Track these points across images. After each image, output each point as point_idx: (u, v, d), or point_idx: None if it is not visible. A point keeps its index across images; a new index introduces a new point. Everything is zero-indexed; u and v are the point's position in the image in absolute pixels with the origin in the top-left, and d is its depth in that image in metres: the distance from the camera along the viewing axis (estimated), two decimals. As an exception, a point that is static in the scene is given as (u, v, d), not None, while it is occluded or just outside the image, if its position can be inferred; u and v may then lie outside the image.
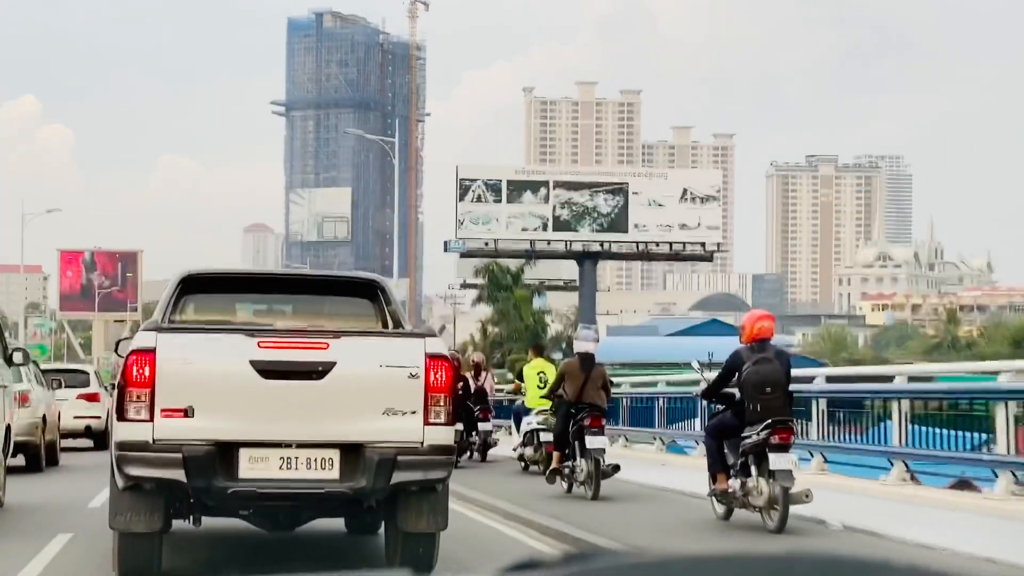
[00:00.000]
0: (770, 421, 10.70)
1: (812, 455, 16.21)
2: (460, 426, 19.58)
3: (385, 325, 9.31)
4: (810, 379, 17.35)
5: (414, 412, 8.13)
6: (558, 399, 15.24)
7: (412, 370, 8.14)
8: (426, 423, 8.15)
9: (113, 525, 8.26)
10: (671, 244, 53.86)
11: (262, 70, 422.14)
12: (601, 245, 54.33)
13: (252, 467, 8.02)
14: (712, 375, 12.19)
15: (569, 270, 70.27)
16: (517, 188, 53.91)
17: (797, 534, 10.52)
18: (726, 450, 11.43)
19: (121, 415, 7.96)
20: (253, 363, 7.97)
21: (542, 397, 17.30)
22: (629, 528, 11.29)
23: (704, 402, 16.45)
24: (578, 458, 14.43)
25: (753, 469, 10.88)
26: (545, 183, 54.06)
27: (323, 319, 9.27)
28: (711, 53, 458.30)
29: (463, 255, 55.23)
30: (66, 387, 23.47)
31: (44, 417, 19.21)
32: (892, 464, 14.66)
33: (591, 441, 14.11)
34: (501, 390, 31.56)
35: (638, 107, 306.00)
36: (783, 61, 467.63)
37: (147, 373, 7.88)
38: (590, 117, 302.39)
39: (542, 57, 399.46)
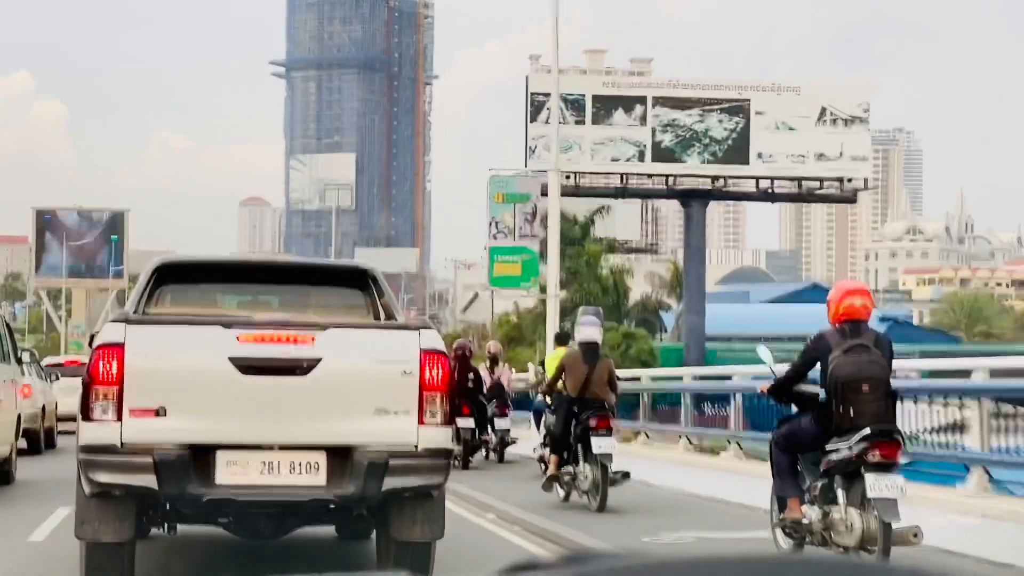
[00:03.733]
0: (868, 431, 8.35)
1: (968, 470, 12.95)
2: (472, 423, 19.10)
3: (377, 317, 8.85)
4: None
5: (407, 412, 7.69)
6: (557, 395, 13.95)
7: (405, 366, 7.70)
8: (421, 424, 7.70)
9: (79, 535, 7.84)
10: (800, 181, 41.46)
11: (261, 30, 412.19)
12: (713, 181, 41.88)
13: (230, 472, 7.55)
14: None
15: (627, 228, 57.74)
16: (605, 105, 41.46)
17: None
18: (800, 467, 9.06)
19: (86, 415, 7.47)
20: (232, 359, 7.53)
21: (542, 392, 15.40)
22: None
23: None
24: (581, 463, 13.22)
25: (841, 495, 8.58)
26: (642, 99, 41.55)
27: (310, 311, 8.85)
28: (708, 33, 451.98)
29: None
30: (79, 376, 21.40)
31: (43, 407, 21.62)
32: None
33: (597, 444, 12.82)
34: (523, 381, 28.79)
35: (648, 76, 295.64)
36: (782, 40, 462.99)
37: (114, 369, 7.42)
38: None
39: (539, 37, 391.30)
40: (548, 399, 14.97)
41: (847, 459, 8.53)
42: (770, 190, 42.06)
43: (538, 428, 17.58)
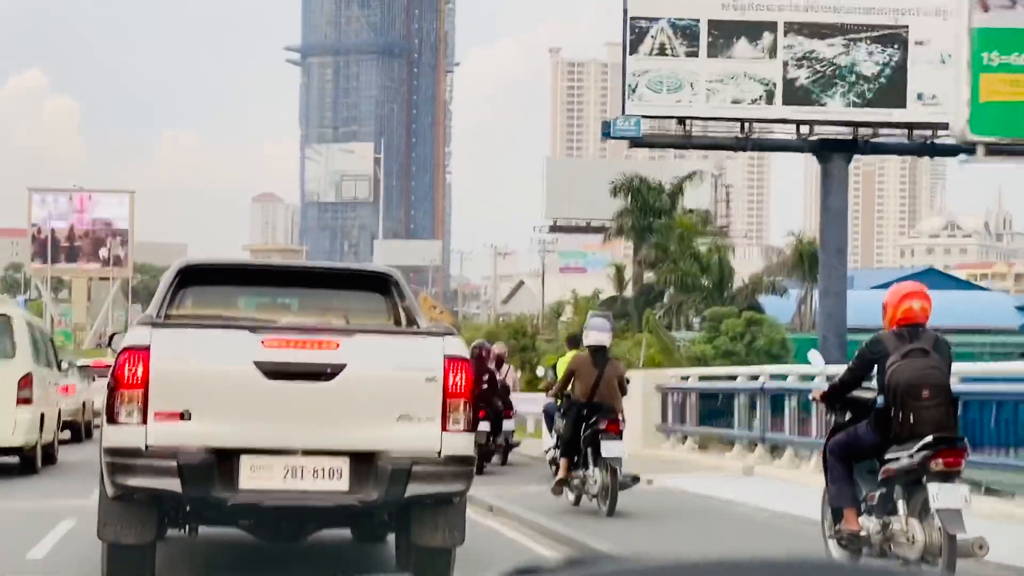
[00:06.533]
0: (930, 438, 8.17)
1: None
2: (486, 427, 18.59)
3: (398, 322, 8.95)
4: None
5: (431, 418, 7.74)
6: (567, 399, 13.92)
7: (429, 372, 7.77)
8: (444, 430, 7.75)
9: (102, 536, 7.93)
10: (965, 130, 32.99)
11: (276, 16, 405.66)
12: (855, 129, 33.31)
13: (254, 476, 7.64)
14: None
15: (699, 197, 48.93)
16: (725, 33, 32.81)
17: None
18: (856, 476, 8.82)
19: (111, 418, 7.59)
20: (257, 363, 7.62)
21: (550, 395, 15.39)
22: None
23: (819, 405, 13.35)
24: (590, 467, 13.19)
25: (901, 505, 8.38)
26: (771, 25, 32.85)
27: (332, 315, 9.02)
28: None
29: (635, 143, 33.92)
30: None
31: (84, 403, 25.59)
32: None
33: (607, 448, 12.88)
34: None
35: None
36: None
37: (140, 373, 7.53)
38: (620, 79, 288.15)
39: (549, 35, 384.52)
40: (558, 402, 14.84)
41: (908, 468, 8.27)
42: (930, 141, 33.41)
43: (550, 431, 17.33)
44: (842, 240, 33.89)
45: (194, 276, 8.96)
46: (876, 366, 8.61)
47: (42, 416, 18.11)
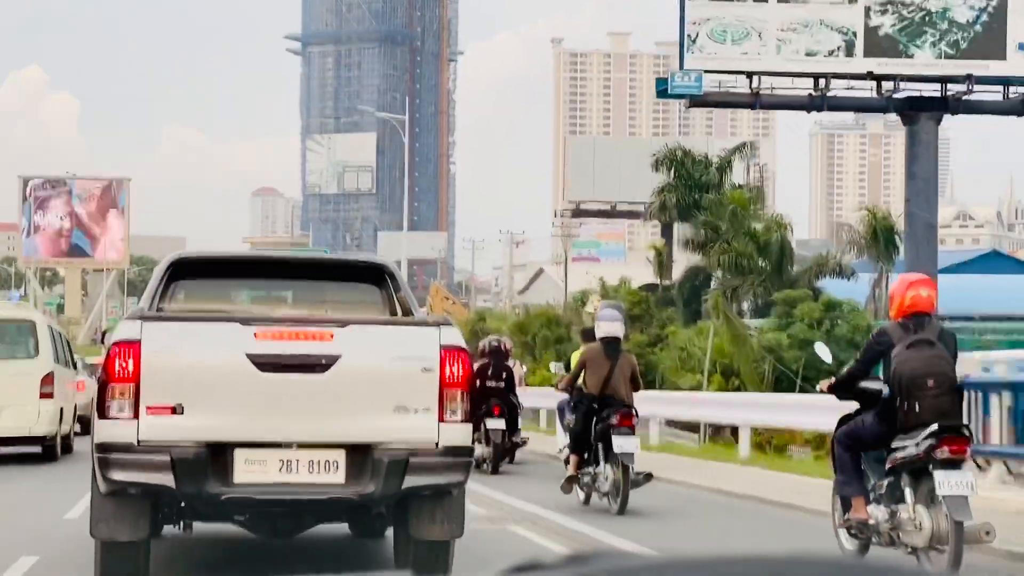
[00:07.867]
0: (935, 427, 8.36)
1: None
2: (502, 424, 18.09)
3: (393, 313, 8.88)
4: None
5: (428, 409, 7.67)
6: (578, 392, 13.64)
7: (426, 363, 7.69)
8: (441, 421, 7.68)
9: (95, 534, 7.79)
10: (1069, 87, 28.73)
11: (275, 6, 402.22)
12: (943, 87, 29.12)
13: (248, 470, 7.54)
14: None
15: (735, 175, 44.44)
16: (798, -26, 28.74)
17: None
18: (864, 466, 8.98)
19: (103, 413, 7.50)
20: (249, 355, 7.52)
21: (561, 389, 14.73)
22: None
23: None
24: (601, 463, 12.96)
25: (908, 493, 8.56)
26: (852, -36, 28.85)
27: (325, 306, 8.92)
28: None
29: (694, 102, 29.60)
30: None
31: (93, 398, 22.75)
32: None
33: (619, 443, 12.64)
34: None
35: (675, 61, 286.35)
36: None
37: (131, 367, 7.43)
38: (623, 71, 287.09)
39: (549, 28, 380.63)
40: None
41: (914, 456, 8.44)
42: (1030, 99, 29.15)
43: (564, 429, 16.42)
44: (932, 213, 29.65)
45: (186, 269, 8.91)
46: (882, 357, 8.82)
47: (61, 410, 20.19)
